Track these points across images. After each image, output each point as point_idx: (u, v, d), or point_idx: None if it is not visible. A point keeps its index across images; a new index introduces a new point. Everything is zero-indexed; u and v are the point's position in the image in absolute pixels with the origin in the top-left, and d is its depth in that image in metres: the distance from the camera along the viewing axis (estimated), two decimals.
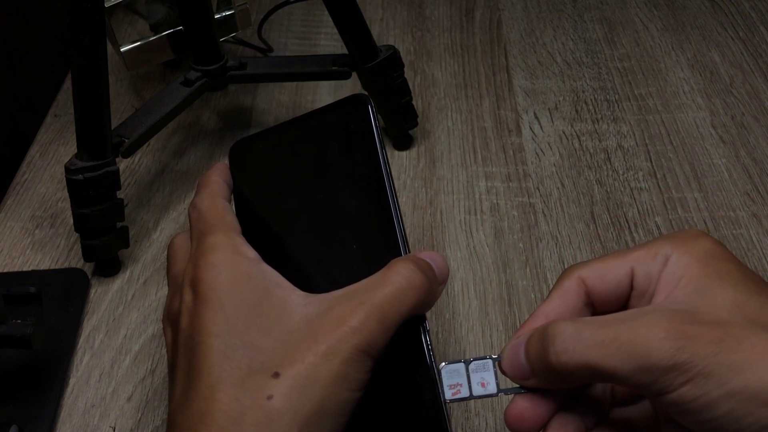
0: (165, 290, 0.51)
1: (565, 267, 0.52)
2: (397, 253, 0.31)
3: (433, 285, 0.31)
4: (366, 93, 0.35)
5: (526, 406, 0.29)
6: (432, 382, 0.30)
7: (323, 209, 0.34)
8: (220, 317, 0.29)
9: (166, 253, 0.54)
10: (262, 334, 0.28)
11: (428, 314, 0.48)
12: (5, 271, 0.53)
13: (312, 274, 0.33)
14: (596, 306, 0.31)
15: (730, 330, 0.25)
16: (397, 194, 0.33)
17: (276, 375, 0.27)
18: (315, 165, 0.35)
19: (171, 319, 0.32)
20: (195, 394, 0.28)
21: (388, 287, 0.29)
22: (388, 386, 0.30)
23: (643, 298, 0.30)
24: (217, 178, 0.36)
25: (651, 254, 0.29)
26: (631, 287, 0.30)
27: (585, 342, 0.26)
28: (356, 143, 0.34)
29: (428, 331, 0.31)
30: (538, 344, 0.28)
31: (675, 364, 0.24)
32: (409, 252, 0.31)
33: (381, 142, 0.33)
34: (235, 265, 0.30)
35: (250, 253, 0.32)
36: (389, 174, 0.33)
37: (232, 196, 0.37)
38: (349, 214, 0.33)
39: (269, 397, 0.27)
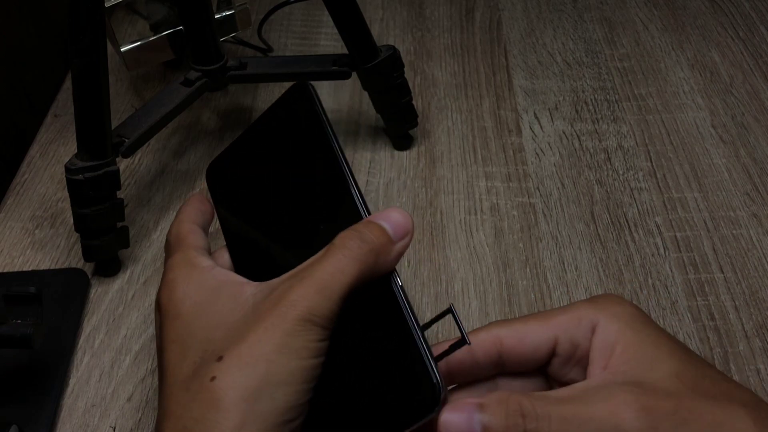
0: None
1: (565, 267, 0.52)
2: (357, 215, 0.32)
3: (386, 247, 0.31)
4: (308, 81, 0.37)
5: None
6: (411, 337, 0.30)
7: (293, 200, 0.35)
8: (177, 324, 0.31)
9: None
10: (215, 329, 0.30)
11: (429, 314, 0.48)
12: (5, 271, 0.53)
13: (292, 264, 0.33)
14: (506, 365, 0.31)
15: (680, 401, 0.26)
16: (351, 166, 0.34)
17: (219, 359, 0.28)
18: (278, 162, 0.36)
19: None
20: (161, 397, 0.30)
21: (327, 262, 0.30)
22: (366, 347, 0.31)
23: (568, 364, 0.30)
24: (187, 206, 0.39)
25: (575, 320, 0.30)
26: (553, 353, 0.30)
27: (552, 421, 0.27)
28: (307, 129, 0.35)
29: (401, 286, 0.31)
30: (509, 420, 0.27)
31: None
32: (363, 209, 0.32)
33: (327, 120, 0.35)
34: (188, 277, 0.33)
35: (205, 262, 0.34)
36: (340, 148, 0.34)
37: (216, 216, 0.40)
38: (314, 198, 0.34)
39: (212, 379, 0.28)
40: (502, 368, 0.32)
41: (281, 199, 0.36)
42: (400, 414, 0.29)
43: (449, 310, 0.30)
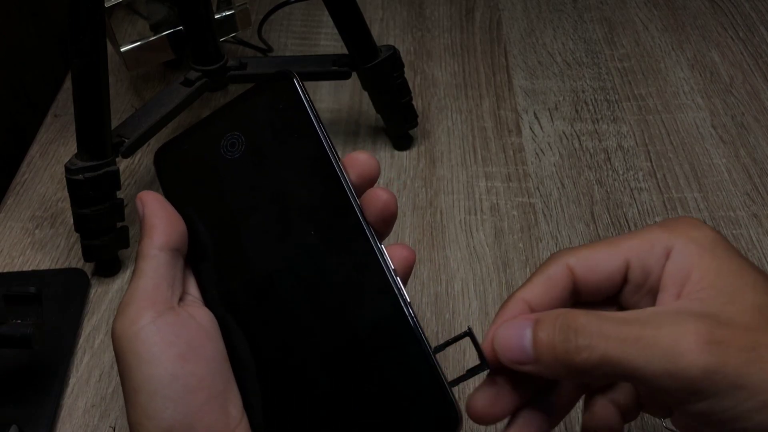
0: None
1: None
2: (359, 230, 0.30)
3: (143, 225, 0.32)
4: (290, 70, 0.33)
5: (491, 400, 0.28)
6: (426, 362, 0.29)
7: (271, 202, 0.32)
8: None
9: None
10: None
11: (429, 314, 0.48)
12: (5, 271, 0.53)
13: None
14: (582, 296, 0.29)
15: (760, 338, 0.23)
16: (345, 168, 0.31)
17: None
18: (252, 157, 0.33)
19: None
20: None
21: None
22: (380, 373, 0.29)
23: (639, 292, 0.28)
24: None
25: (647, 245, 0.28)
26: (625, 280, 0.28)
27: (608, 339, 0.25)
28: (291, 124, 0.32)
29: (409, 302, 0.29)
30: (557, 335, 0.26)
31: (705, 371, 0.23)
32: (367, 226, 0.30)
33: (317, 117, 0.31)
34: None
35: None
36: (333, 149, 0.31)
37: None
38: (300, 201, 0.31)
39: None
40: (578, 297, 0.30)
41: (256, 197, 0.32)
42: None
43: (467, 333, 0.29)
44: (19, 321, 0.40)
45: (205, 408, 0.29)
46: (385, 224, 0.31)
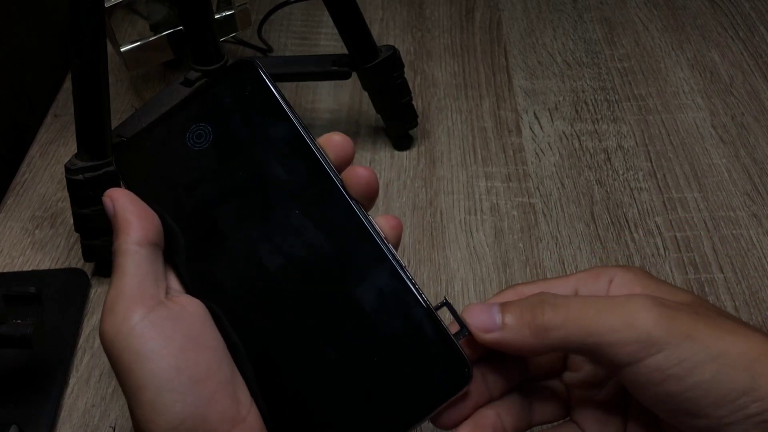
0: None
1: (565, 267, 0.52)
2: (343, 200, 0.31)
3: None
4: (252, 58, 0.33)
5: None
6: (429, 318, 0.29)
7: (248, 187, 0.32)
8: None
9: None
10: None
11: None
12: (5, 271, 0.53)
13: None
14: None
15: (700, 310, 0.27)
16: (322, 148, 0.32)
17: None
18: (222, 146, 0.32)
19: None
20: None
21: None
22: (382, 332, 0.30)
23: None
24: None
25: (594, 276, 0.31)
26: None
27: (570, 305, 0.27)
28: (260, 110, 0.32)
29: (405, 267, 0.30)
30: (526, 303, 0.28)
31: (658, 322, 0.26)
32: (352, 199, 0.31)
33: (285, 100, 0.32)
34: None
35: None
36: (307, 131, 0.32)
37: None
38: (279, 183, 0.31)
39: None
40: None
41: (232, 186, 0.32)
42: (432, 393, 0.28)
43: (444, 303, 0.30)
44: (19, 321, 0.40)
45: (215, 397, 0.28)
46: (369, 201, 0.32)
